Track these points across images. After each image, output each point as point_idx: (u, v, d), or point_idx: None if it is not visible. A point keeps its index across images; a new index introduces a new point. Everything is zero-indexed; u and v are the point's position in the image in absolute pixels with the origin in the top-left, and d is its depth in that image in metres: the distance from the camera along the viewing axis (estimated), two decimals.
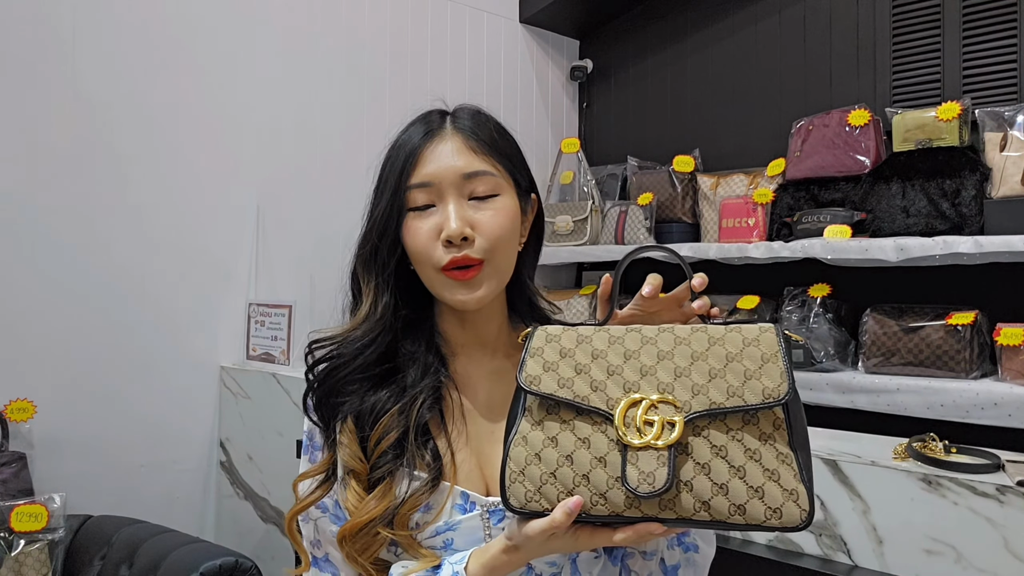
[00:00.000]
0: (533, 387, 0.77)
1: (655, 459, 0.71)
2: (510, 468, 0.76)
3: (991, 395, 1.86)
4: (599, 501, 0.73)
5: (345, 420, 0.90)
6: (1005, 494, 1.19)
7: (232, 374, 2.26)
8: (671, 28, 2.99)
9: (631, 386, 0.74)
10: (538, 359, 0.78)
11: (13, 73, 1.94)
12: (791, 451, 0.71)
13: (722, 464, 0.71)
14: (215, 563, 1.55)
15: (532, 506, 0.75)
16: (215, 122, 2.29)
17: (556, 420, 0.76)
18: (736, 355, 0.74)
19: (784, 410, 0.72)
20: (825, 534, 1.37)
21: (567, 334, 0.79)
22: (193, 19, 2.24)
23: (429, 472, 0.87)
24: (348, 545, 0.85)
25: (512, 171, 0.95)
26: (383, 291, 0.93)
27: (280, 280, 2.41)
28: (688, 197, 2.72)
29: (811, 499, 0.70)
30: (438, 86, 2.79)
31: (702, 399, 0.72)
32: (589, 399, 0.75)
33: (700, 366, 0.74)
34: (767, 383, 0.72)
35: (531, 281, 1.01)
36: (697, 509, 0.71)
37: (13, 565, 1.63)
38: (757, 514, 0.70)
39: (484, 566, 0.80)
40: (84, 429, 2.04)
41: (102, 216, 2.08)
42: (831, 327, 2.25)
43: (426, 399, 0.90)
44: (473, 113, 0.96)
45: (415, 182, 0.90)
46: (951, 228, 2.03)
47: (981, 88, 2.22)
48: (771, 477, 0.70)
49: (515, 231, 0.93)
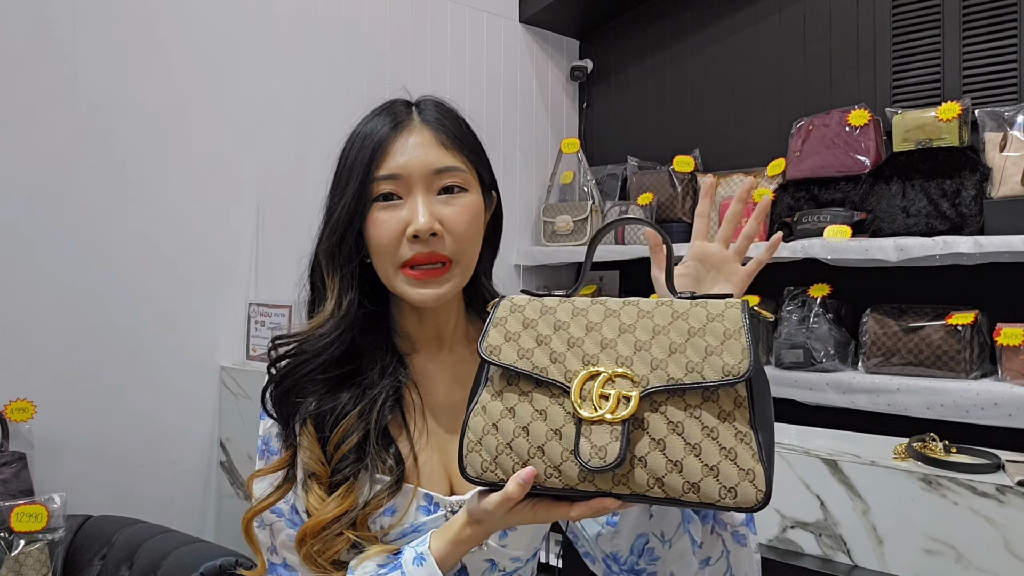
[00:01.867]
0: (493, 357, 0.76)
1: (608, 433, 0.70)
2: (468, 437, 0.76)
3: (991, 395, 1.86)
4: (553, 473, 0.72)
5: (305, 423, 0.88)
6: (1005, 494, 1.19)
7: (232, 374, 2.26)
8: (671, 28, 2.99)
9: (590, 359, 0.73)
10: (500, 329, 0.78)
11: (13, 73, 1.94)
12: (751, 430, 0.69)
13: (678, 441, 0.70)
14: (215, 563, 1.55)
15: (488, 476, 0.75)
16: (215, 122, 2.29)
17: (515, 391, 0.75)
18: (698, 330, 0.72)
19: (747, 388, 0.70)
20: (825, 534, 1.37)
21: (532, 304, 0.79)
22: (193, 20, 2.24)
23: (391, 475, 0.86)
24: (308, 544, 0.84)
25: (478, 167, 0.94)
26: (348, 286, 0.91)
27: (280, 280, 2.41)
28: (688, 197, 2.72)
29: (768, 479, 0.68)
30: (438, 86, 2.79)
31: (660, 374, 0.71)
32: (547, 371, 0.74)
33: (661, 340, 0.72)
34: (728, 360, 0.70)
35: (487, 279, 1.00)
36: (651, 485, 0.70)
37: (13, 565, 1.63)
38: (711, 492, 0.69)
39: (449, 542, 0.79)
40: (84, 429, 2.04)
41: (102, 216, 2.07)
42: (831, 327, 2.25)
43: (386, 400, 0.89)
44: (437, 104, 0.95)
45: (383, 173, 0.88)
46: (951, 228, 2.03)
47: (981, 88, 2.22)
48: (727, 456, 0.69)
49: (480, 229, 0.93)
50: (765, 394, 0.73)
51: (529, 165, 3.10)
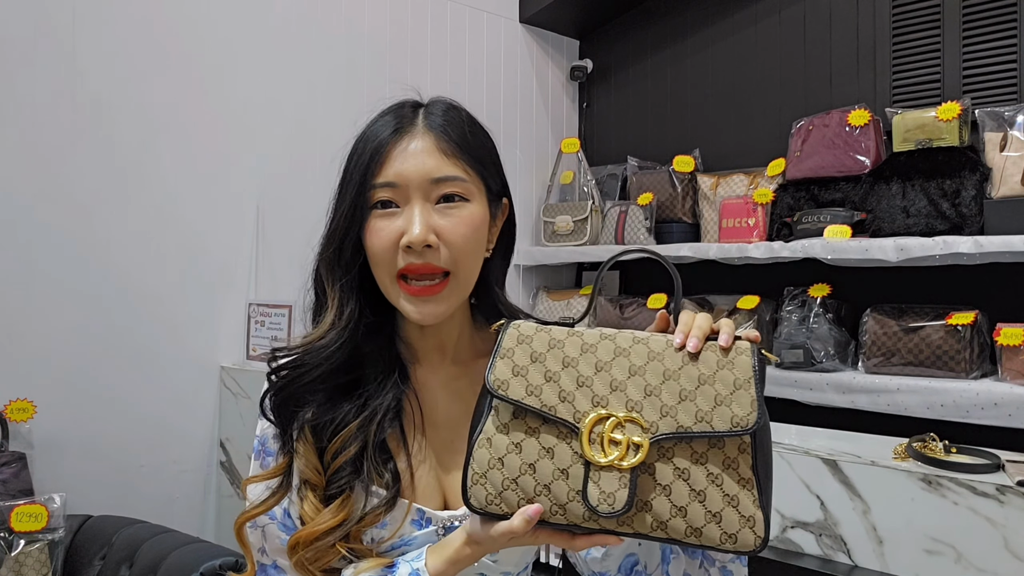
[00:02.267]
0: (501, 391, 0.76)
1: (617, 480, 0.71)
2: (473, 469, 0.76)
3: (991, 395, 1.86)
4: (558, 511, 0.73)
5: (303, 430, 0.87)
6: (1005, 494, 1.19)
7: (232, 374, 2.26)
8: (671, 28, 2.99)
9: (600, 400, 0.74)
10: (508, 361, 0.77)
11: (13, 73, 1.94)
12: (753, 476, 0.71)
13: (684, 487, 0.71)
14: (215, 563, 1.55)
15: (492, 508, 0.75)
16: (215, 122, 2.29)
17: (522, 426, 0.75)
18: (708, 377, 0.73)
19: (751, 436, 0.72)
20: (825, 534, 1.37)
21: (539, 336, 0.78)
22: (193, 20, 2.24)
23: (388, 491, 0.85)
24: (300, 552, 0.83)
25: (483, 175, 0.91)
26: (348, 296, 0.90)
27: (280, 280, 2.41)
28: (688, 197, 2.72)
29: (767, 525, 0.71)
30: (438, 86, 2.79)
31: (670, 421, 0.72)
32: (556, 410, 0.74)
33: (671, 386, 0.73)
34: (737, 411, 0.71)
35: (499, 288, 0.98)
36: (654, 528, 0.71)
37: (13, 565, 1.63)
38: (713, 537, 0.70)
39: (446, 560, 0.80)
40: (84, 429, 2.04)
41: (102, 216, 2.07)
42: (831, 327, 2.25)
43: (387, 413, 0.88)
44: (446, 108, 0.92)
45: (381, 181, 0.86)
46: (951, 228, 2.03)
47: (981, 88, 2.22)
48: (730, 503, 0.70)
49: (481, 241, 0.90)
50: (767, 438, 0.74)
51: (529, 165, 3.10)
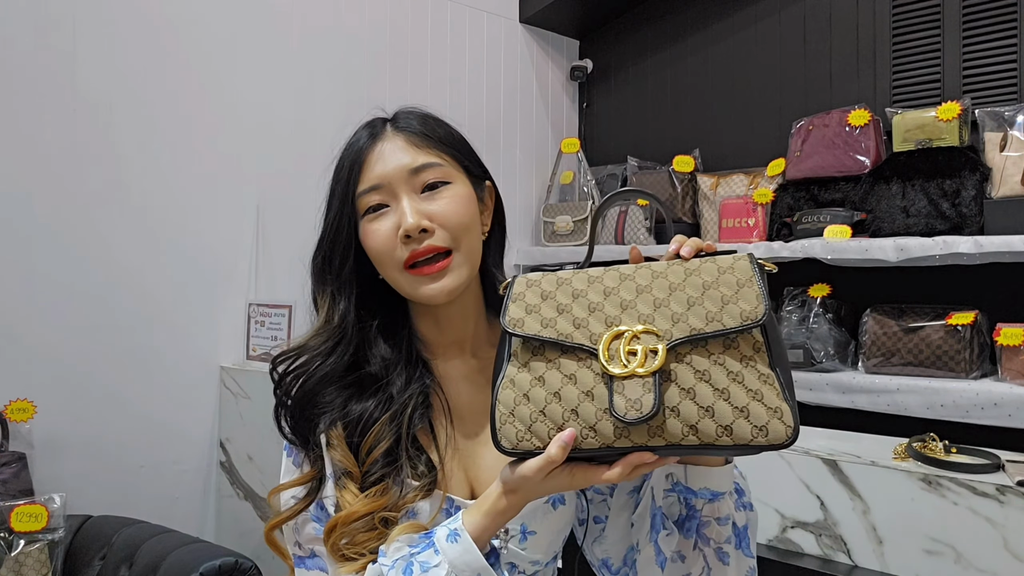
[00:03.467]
0: (516, 329, 0.78)
1: (641, 386, 0.72)
2: (499, 410, 0.77)
3: (991, 395, 1.86)
4: (589, 434, 0.74)
5: (333, 426, 0.89)
6: (1005, 494, 1.19)
7: (232, 374, 2.26)
8: (671, 28, 2.99)
9: (613, 320, 0.75)
10: (520, 303, 0.80)
11: (13, 73, 1.94)
12: (772, 371, 0.72)
13: (706, 387, 0.72)
14: (215, 563, 1.55)
15: (524, 445, 0.75)
16: (215, 122, 2.29)
17: (542, 360, 0.77)
18: (712, 283, 0.75)
19: (763, 332, 0.73)
20: (825, 534, 1.37)
21: (547, 278, 0.81)
22: (193, 20, 2.24)
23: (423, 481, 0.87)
24: (337, 535, 0.85)
25: (459, 159, 0.95)
26: (339, 299, 0.93)
27: (280, 280, 2.41)
28: (688, 197, 2.73)
29: (795, 415, 0.71)
30: (438, 86, 2.79)
31: (682, 326, 0.73)
32: (572, 336, 0.76)
33: (678, 296, 0.75)
34: (744, 306, 0.73)
35: (498, 270, 1.01)
36: (685, 433, 0.72)
37: (13, 565, 1.63)
38: (744, 433, 0.71)
39: (485, 514, 0.80)
40: (84, 429, 2.04)
41: (102, 216, 2.07)
42: (831, 327, 2.25)
43: (416, 407, 0.90)
44: (409, 112, 0.97)
45: (364, 187, 0.91)
46: (951, 228, 2.03)
47: (981, 88, 2.22)
48: (755, 397, 0.71)
49: (475, 216, 0.93)
50: (778, 337, 0.76)
51: (529, 165, 3.10)
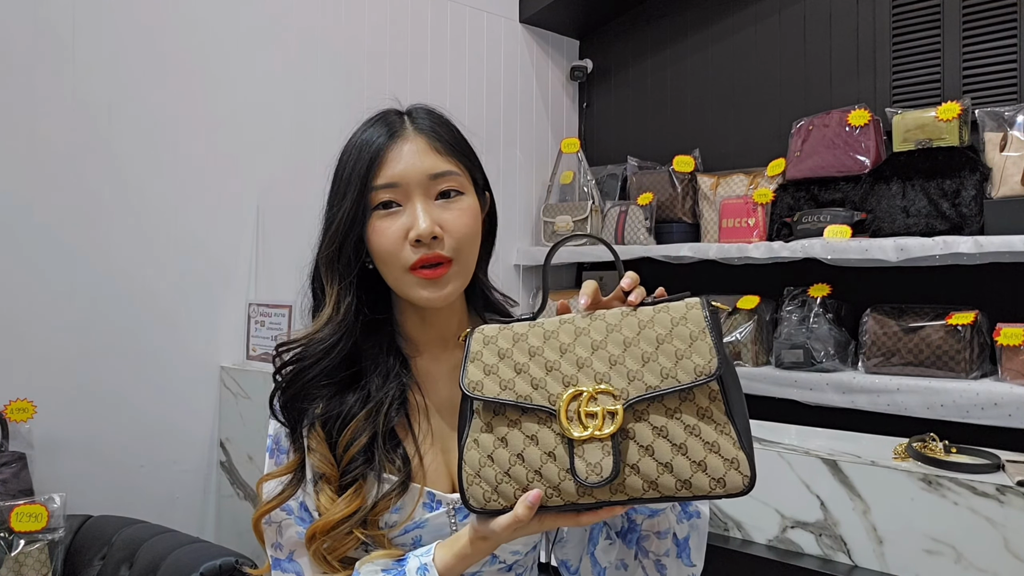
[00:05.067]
0: (476, 392, 0.79)
1: (600, 449, 0.73)
2: (466, 471, 0.78)
3: (991, 395, 1.86)
4: (553, 493, 0.75)
5: (313, 426, 0.91)
6: (1005, 494, 1.19)
7: (232, 374, 2.26)
8: (671, 28, 2.99)
9: (570, 380, 0.76)
10: (478, 363, 0.80)
11: (13, 73, 1.94)
12: (728, 419, 0.74)
13: (664, 444, 0.73)
14: (215, 563, 1.55)
15: (492, 505, 0.77)
16: (215, 122, 2.29)
17: (503, 421, 0.78)
18: (665, 336, 0.76)
19: (719, 382, 0.74)
20: (825, 534, 1.37)
21: (503, 334, 0.81)
22: (193, 20, 2.24)
23: (399, 475, 0.89)
24: (318, 542, 0.87)
25: (472, 170, 0.97)
26: (346, 293, 0.94)
27: (280, 280, 2.41)
28: (688, 197, 2.72)
29: (751, 463, 0.73)
30: (438, 86, 2.79)
31: (638, 384, 0.74)
32: (531, 398, 0.77)
33: (633, 351, 0.76)
34: (698, 361, 0.74)
35: (484, 276, 1.04)
36: (646, 489, 0.74)
37: (13, 565, 1.63)
38: (702, 486, 0.72)
39: (455, 555, 0.82)
40: (84, 429, 2.04)
41: (102, 216, 2.07)
42: (831, 327, 2.25)
43: (392, 403, 0.92)
44: (429, 112, 0.98)
45: (381, 182, 0.91)
46: (951, 228, 2.03)
47: (981, 88, 2.22)
48: (712, 449, 0.73)
49: (478, 229, 0.96)
50: (735, 383, 0.77)
51: (529, 165, 3.10)
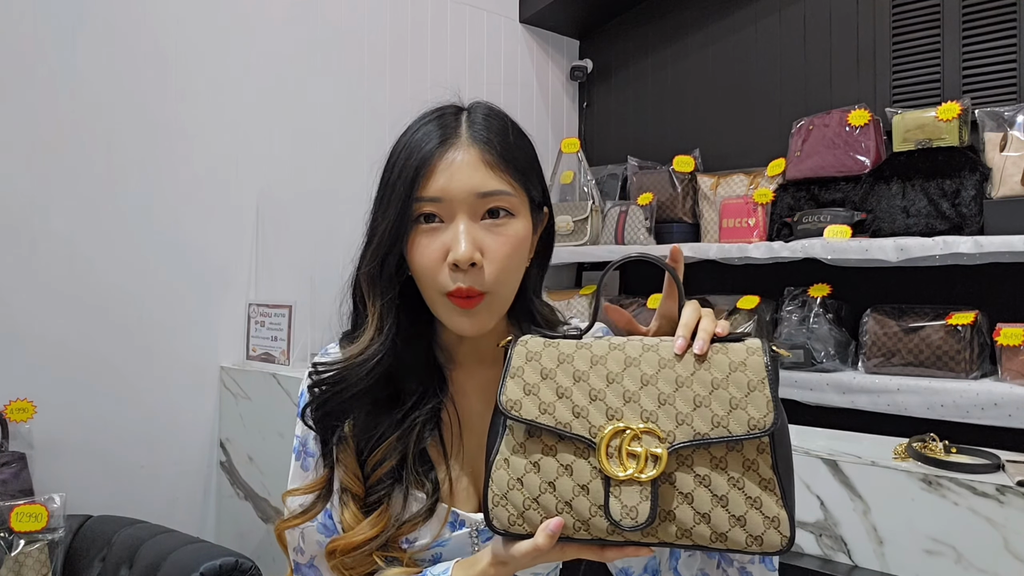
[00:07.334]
0: (514, 412, 0.75)
1: (638, 493, 0.70)
2: (492, 491, 0.75)
3: (991, 395, 1.86)
4: (582, 527, 0.72)
5: (345, 439, 0.88)
6: (1005, 494, 1.19)
7: (232, 374, 2.26)
8: (671, 28, 2.99)
9: (614, 412, 0.72)
10: (518, 380, 0.76)
11: (13, 73, 1.94)
12: (774, 475, 0.70)
13: (705, 493, 0.70)
14: (215, 563, 1.55)
15: (515, 529, 0.74)
16: (215, 122, 2.29)
17: (538, 445, 0.74)
18: (721, 381, 0.72)
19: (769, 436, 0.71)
20: (825, 534, 1.37)
21: (548, 351, 0.77)
22: (193, 20, 2.24)
23: (428, 498, 0.86)
24: (338, 559, 0.85)
25: (527, 187, 0.89)
26: (388, 312, 0.88)
27: (280, 280, 2.41)
28: (688, 197, 2.72)
29: (792, 524, 0.70)
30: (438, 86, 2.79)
31: (686, 429, 0.71)
32: (571, 426, 0.73)
33: (685, 393, 0.72)
34: (753, 413, 0.70)
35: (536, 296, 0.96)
36: (679, 536, 0.71)
37: (13, 565, 1.63)
38: (738, 541, 0.70)
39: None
40: (84, 429, 2.04)
41: (102, 216, 2.07)
42: (831, 327, 2.25)
43: (426, 424, 0.88)
44: (487, 114, 0.91)
45: (426, 195, 0.84)
46: (951, 228, 2.03)
47: (981, 88, 2.22)
48: (753, 505, 0.70)
49: (523, 258, 0.89)
50: (785, 437, 0.73)
51: None
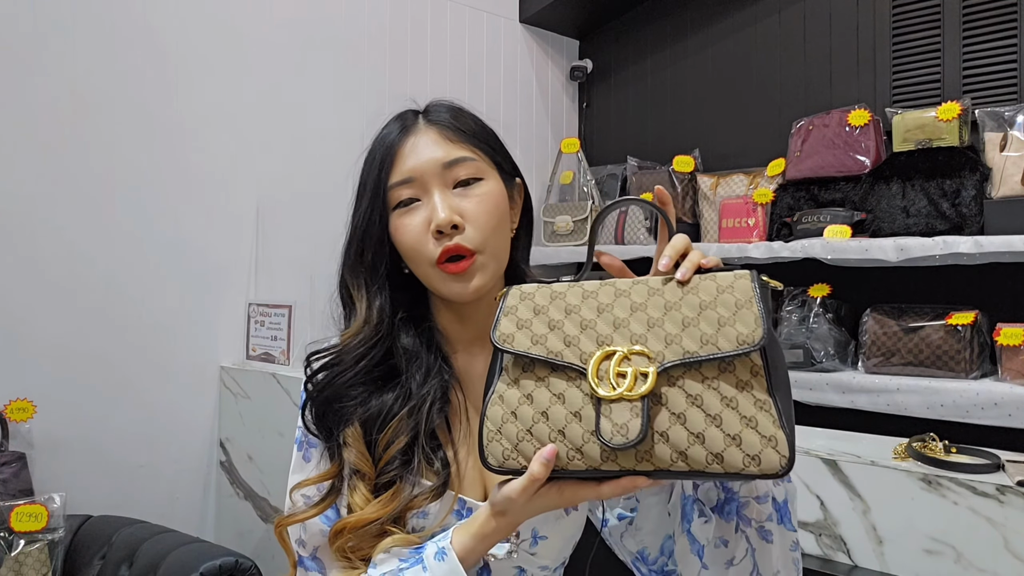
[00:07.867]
0: (506, 345, 0.76)
1: (628, 410, 0.69)
2: (487, 427, 0.75)
3: (991, 395, 1.86)
4: (575, 456, 0.72)
5: (351, 422, 0.88)
6: (1005, 494, 1.19)
7: (232, 374, 2.26)
8: (671, 28, 2.99)
9: (604, 339, 0.73)
10: (511, 317, 0.78)
11: (12, 73, 1.94)
12: (769, 397, 0.69)
13: (698, 413, 0.69)
14: (215, 563, 1.55)
15: (510, 464, 0.74)
16: (215, 122, 2.29)
17: (531, 377, 0.75)
18: (710, 303, 0.72)
19: (761, 355, 0.70)
20: (825, 534, 1.37)
21: (541, 291, 0.79)
22: (193, 20, 2.24)
23: (438, 479, 0.86)
24: (344, 539, 0.84)
25: (492, 155, 0.94)
26: (376, 296, 0.92)
27: (280, 280, 2.41)
28: (688, 197, 2.72)
29: (791, 444, 0.68)
30: (438, 86, 2.79)
31: (676, 348, 0.71)
32: (562, 354, 0.74)
33: (673, 315, 0.72)
34: (741, 329, 0.70)
35: (526, 267, 0.99)
36: (674, 459, 0.69)
37: (13, 565, 1.63)
38: (735, 462, 0.68)
39: (472, 536, 0.79)
40: (84, 429, 2.04)
41: (101, 215, 2.07)
42: (831, 327, 2.25)
43: (435, 401, 0.89)
44: (446, 106, 0.95)
45: (396, 180, 0.90)
46: (951, 228, 2.03)
47: (981, 88, 2.22)
48: (748, 424, 0.68)
49: (504, 215, 0.92)
50: (780, 361, 0.73)
51: (529, 165, 3.09)
